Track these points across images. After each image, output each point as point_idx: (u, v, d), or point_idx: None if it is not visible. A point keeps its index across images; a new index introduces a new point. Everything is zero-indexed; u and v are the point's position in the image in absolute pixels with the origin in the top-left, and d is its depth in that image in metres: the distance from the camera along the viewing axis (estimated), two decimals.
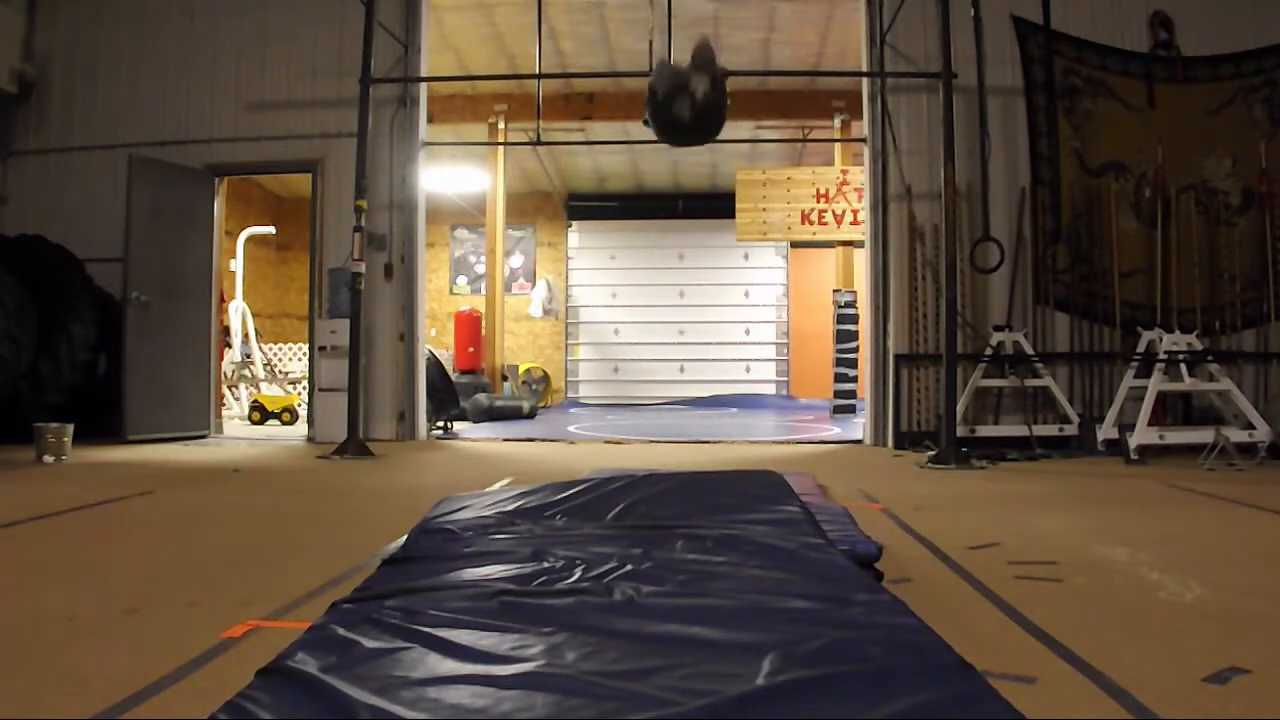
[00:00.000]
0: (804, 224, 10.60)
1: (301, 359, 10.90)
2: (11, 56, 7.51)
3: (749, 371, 14.76)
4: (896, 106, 6.99)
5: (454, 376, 10.26)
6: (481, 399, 10.20)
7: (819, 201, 10.55)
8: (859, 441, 7.29)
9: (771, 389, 14.69)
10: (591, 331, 15.09)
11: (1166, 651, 1.84)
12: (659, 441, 7.62)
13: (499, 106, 10.66)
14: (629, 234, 14.93)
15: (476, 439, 7.84)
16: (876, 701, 1.37)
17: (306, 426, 7.56)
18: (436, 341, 12.41)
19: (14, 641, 1.90)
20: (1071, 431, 6.44)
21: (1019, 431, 6.47)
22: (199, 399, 7.45)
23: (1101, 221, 6.77)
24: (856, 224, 10.10)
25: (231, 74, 7.55)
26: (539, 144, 8.39)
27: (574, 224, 15.30)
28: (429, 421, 7.79)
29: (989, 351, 6.53)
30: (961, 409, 6.29)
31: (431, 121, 8.43)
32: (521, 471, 5.18)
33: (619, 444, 7.36)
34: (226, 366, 9.66)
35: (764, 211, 10.64)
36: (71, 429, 5.65)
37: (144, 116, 7.55)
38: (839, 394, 10.60)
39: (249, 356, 10.27)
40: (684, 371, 14.75)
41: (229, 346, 9.90)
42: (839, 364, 10.56)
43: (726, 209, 10.88)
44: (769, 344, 14.89)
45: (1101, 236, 6.76)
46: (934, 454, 5.77)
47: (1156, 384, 5.88)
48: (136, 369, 6.80)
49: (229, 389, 9.95)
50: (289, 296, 14.16)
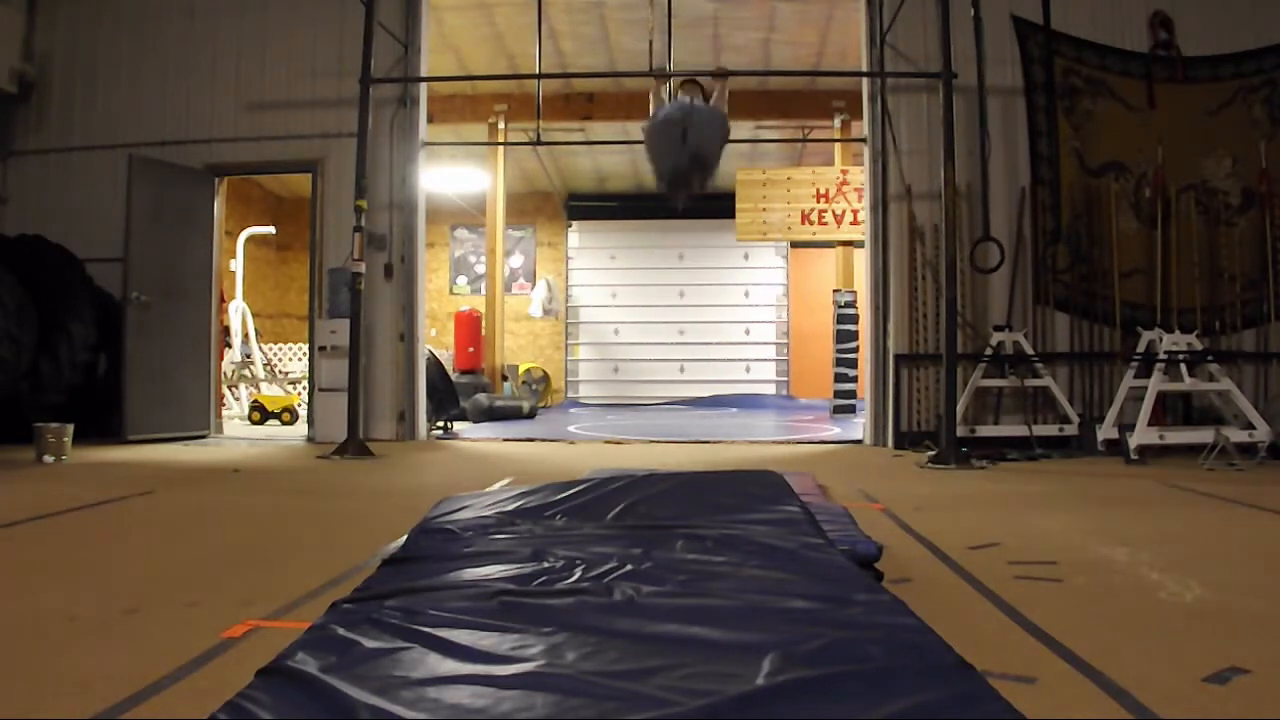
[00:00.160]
0: (804, 224, 10.60)
1: (301, 359, 10.90)
2: (11, 56, 7.51)
3: (749, 371, 14.77)
4: (896, 106, 6.99)
5: (454, 376, 10.26)
6: (481, 399, 10.20)
7: (819, 201, 10.55)
8: (859, 441, 7.29)
9: (771, 389, 14.68)
10: (591, 331, 15.09)
11: (1166, 651, 1.84)
12: (659, 441, 7.62)
13: (499, 106, 10.67)
14: (629, 234, 14.94)
15: (476, 439, 7.84)
16: (876, 701, 1.37)
17: (306, 426, 7.56)
18: (436, 341, 12.41)
19: (14, 641, 1.90)
20: (1071, 431, 6.44)
21: (1019, 431, 6.47)
22: (199, 399, 7.45)
23: (1101, 221, 6.77)
24: (856, 224, 10.10)
25: (231, 74, 7.55)
26: (539, 144, 8.39)
27: (574, 224, 15.30)
28: (429, 421, 7.79)
29: (989, 351, 6.52)
30: (961, 409, 6.29)
31: (431, 121, 8.43)
32: (521, 471, 5.18)
33: (619, 444, 7.36)
34: (226, 366, 9.66)
35: (764, 211, 10.64)
36: (71, 429, 5.65)
37: (144, 116, 7.55)
38: (839, 394, 10.60)
39: (249, 356, 10.27)
40: (684, 371, 14.75)
41: (229, 346, 9.90)
42: (839, 364, 10.56)
43: (726, 209, 10.87)
44: (769, 344, 14.89)
45: (1101, 236, 6.76)
46: (934, 454, 5.77)
47: (1156, 384, 5.88)
48: (136, 369, 6.80)
49: (229, 389, 9.95)
50: (289, 296, 14.17)
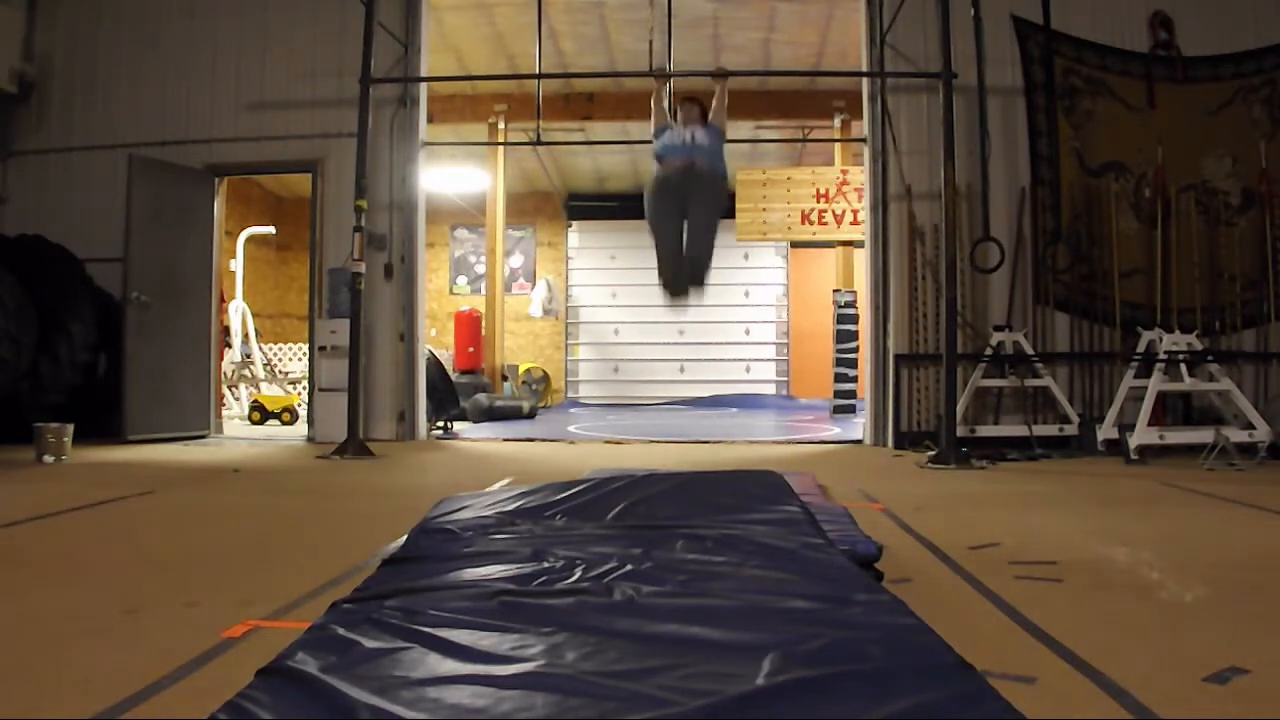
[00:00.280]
0: (804, 224, 10.59)
1: (301, 359, 10.90)
2: (11, 56, 7.51)
3: (749, 371, 14.76)
4: (896, 106, 6.99)
5: (454, 376, 10.26)
6: (481, 399, 10.20)
7: (819, 201, 10.54)
8: (859, 441, 7.29)
9: (771, 389, 14.68)
10: (591, 331, 15.08)
11: (1167, 651, 1.83)
12: (659, 441, 7.62)
13: (499, 106, 10.67)
14: (629, 234, 14.87)
15: (476, 439, 7.84)
16: (876, 701, 1.37)
17: (306, 426, 7.56)
18: (436, 341, 12.41)
19: (14, 641, 1.90)
20: (1071, 431, 6.44)
21: (1019, 431, 6.47)
22: (199, 399, 7.44)
23: (1101, 221, 6.77)
24: (856, 224, 10.10)
25: (231, 74, 7.55)
26: (539, 144, 8.39)
27: (574, 224, 15.29)
28: (429, 421, 7.79)
29: (989, 351, 6.52)
30: (961, 409, 6.29)
31: (431, 121, 8.43)
32: (521, 471, 5.18)
33: (619, 444, 7.36)
34: (226, 366, 9.66)
35: (764, 211, 10.64)
36: (71, 429, 5.65)
37: (144, 116, 7.55)
38: (839, 394, 10.60)
39: (249, 356, 10.26)
40: (684, 371, 14.74)
41: (229, 346, 9.90)
42: (839, 364, 10.56)
43: (726, 210, 10.83)
44: (769, 344, 14.88)
45: (1101, 236, 6.76)
46: (934, 454, 5.77)
47: (1156, 384, 5.88)
48: (136, 369, 6.80)
49: (229, 389, 9.95)
50: (289, 296, 14.17)
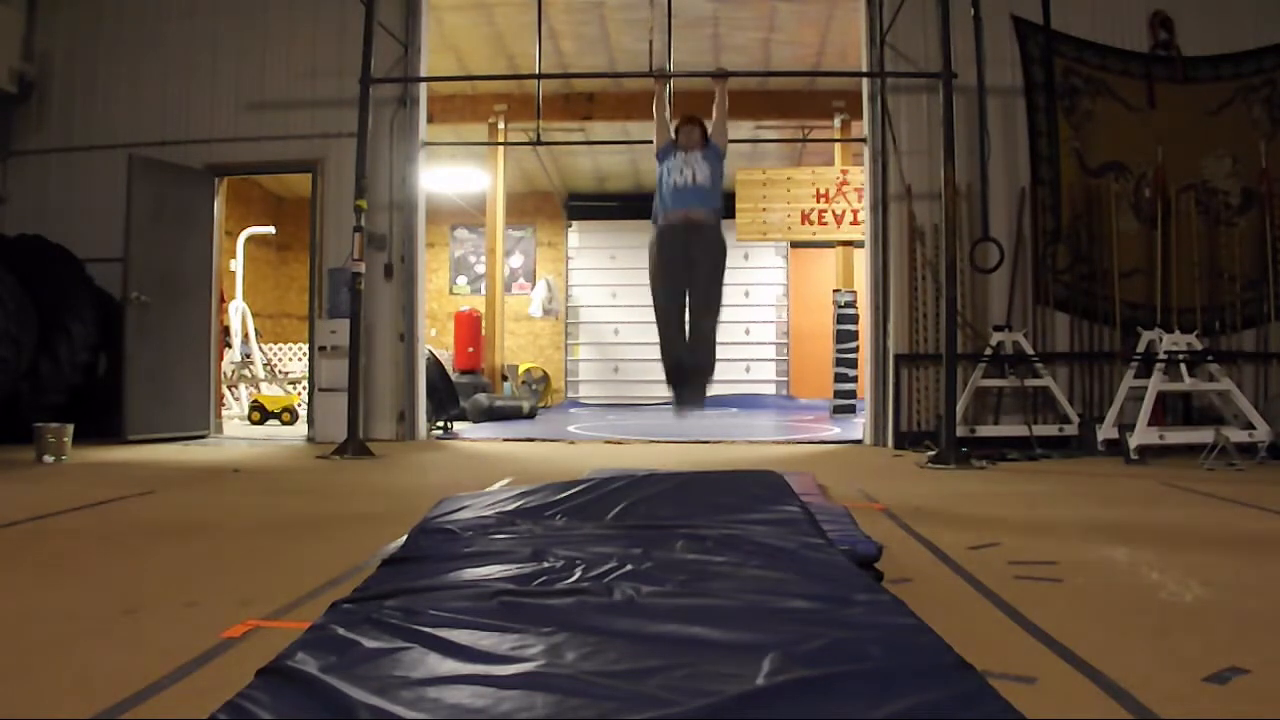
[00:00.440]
0: (804, 224, 10.59)
1: (301, 359, 10.90)
2: (11, 56, 7.51)
3: (749, 371, 14.75)
4: (896, 106, 6.99)
5: (454, 376, 10.26)
6: (481, 399, 10.20)
7: (819, 201, 10.54)
8: (859, 441, 7.29)
9: (771, 389, 14.67)
10: (591, 331, 15.08)
11: (1167, 651, 1.83)
12: (659, 441, 7.61)
13: (499, 106, 10.67)
14: (629, 234, 14.88)
15: (476, 439, 7.84)
16: (877, 701, 1.37)
17: (306, 426, 7.56)
18: (436, 341, 12.41)
19: (14, 641, 1.89)
20: (1071, 431, 6.44)
21: (1019, 431, 6.47)
22: (199, 399, 7.44)
23: (1101, 221, 6.77)
24: (856, 224, 10.10)
25: (231, 74, 7.55)
26: (539, 144, 8.39)
27: (574, 224, 15.29)
28: (429, 421, 7.79)
29: (989, 351, 6.52)
30: (961, 409, 6.29)
31: (431, 121, 8.43)
32: (521, 471, 5.18)
33: (619, 444, 7.36)
34: (226, 366, 9.66)
35: (764, 211, 10.64)
36: (71, 429, 5.65)
37: (144, 116, 7.55)
38: (839, 394, 10.60)
39: (249, 356, 10.26)
40: None
41: (229, 346, 9.90)
42: (839, 364, 10.55)
43: (726, 209, 10.85)
44: (769, 344, 14.88)
45: (1101, 236, 6.76)
46: (934, 454, 5.76)
47: (1156, 384, 5.88)
48: (136, 369, 6.80)
49: (229, 389, 9.95)
50: (289, 296, 14.17)
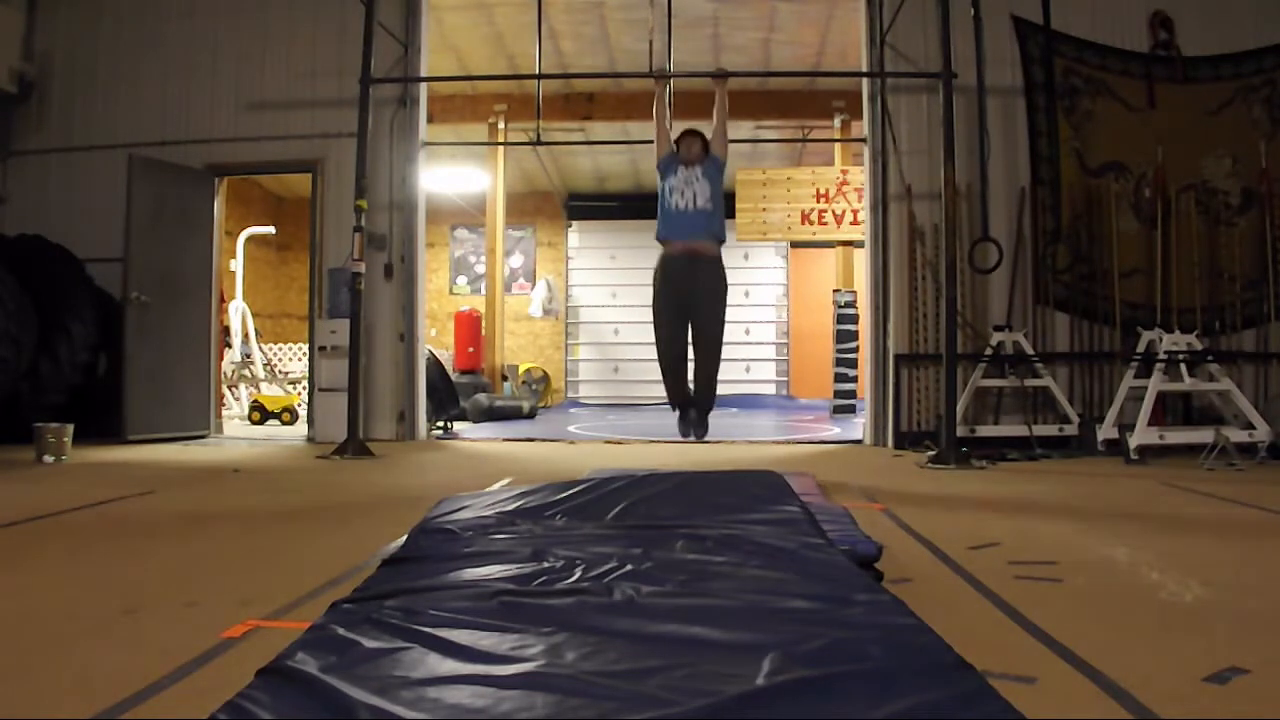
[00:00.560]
0: (804, 224, 10.59)
1: (301, 359, 10.90)
2: (11, 56, 7.51)
3: (749, 371, 14.74)
4: (896, 106, 6.99)
5: (454, 376, 10.26)
6: (481, 399, 10.20)
7: (819, 201, 10.54)
8: (859, 441, 7.29)
9: (771, 389, 14.67)
10: (591, 331, 15.08)
11: (1166, 651, 1.83)
12: (659, 441, 7.61)
13: (499, 106, 10.66)
14: (629, 234, 14.90)
15: (476, 439, 7.84)
16: (877, 701, 1.37)
17: (306, 426, 7.56)
18: (436, 341, 12.41)
19: (14, 641, 1.89)
20: (1071, 431, 6.44)
21: (1019, 431, 6.47)
22: (199, 399, 7.44)
23: (1101, 221, 6.77)
24: (856, 224, 10.09)
25: (231, 74, 7.55)
26: (539, 144, 8.38)
27: (574, 224, 15.29)
28: (429, 421, 7.78)
29: (989, 351, 6.52)
30: (961, 409, 6.29)
31: (431, 121, 8.43)
32: (521, 471, 5.18)
33: (619, 444, 7.36)
34: (226, 366, 9.66)
35: (764, 211, 10.64)
36: (71, 429, 5.65)
37: (144, 116, 7.54)
38: (839, 394, 10.59)
39: (249, 356, 10.26)
40: None
41: (229, 346, 9.90)
42: (839, 364, 10.55)
43: (726, 209, 10.85)
44: (769, 344, 14.87)
45: (1101, 236, 6.76)
46: (934, 454, 5.76)
47: (1156, 384, 5.88)
48: (136, 369, 6.80)
49: (229, 389, 9.95)
50: (289, 296, 14.16)
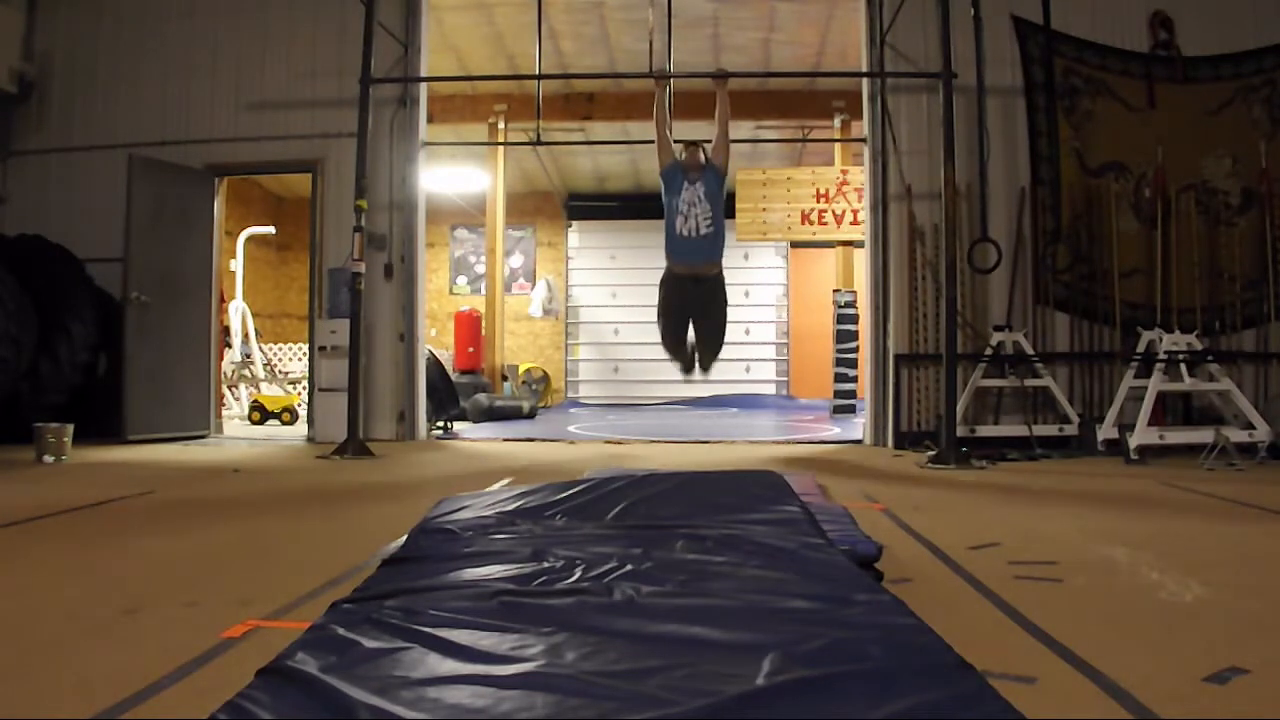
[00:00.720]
0: (804, 224, 10.59)
1: (301, 359, 10.90)
2: (11, 56, 7.51)
3: (749, 371, 14.75)
4: (896, 106, 6.99)
5: (454, 376, 10.26)
6: (481, 399, 10.20)
7: (819, 201, 10.54)
8: (859, 441, 7.29)
9: (771, 389, 14.67)
10: (591, 331, 15.08)
11: (1166, 651, 1.83)
12: (659, 441, 7.61)
13: (499, 106, 10.66)
14: (629, 234, 14.92)
15: (476, 439, 7.84)
16: (877, 701, 1.37)
17: (306, 426, 7.56)
18: (436, 341, 12.41)
19: (14, 641, 1.89)
20: (1071, 431, 6.44)
21: (1019, 431, 6.47)
22: (199, 399, 7.44)
23: (1101, 221, 6.77)
24: (856, 224, 10.09)
25: (231, 74, 7.55)
26: (539, 144, 8.38)
27: (574, 224, 15.29)
28: (429, 421, 7.78)
29: (989, 351, 6.52)
30: (961, 409, 6.29)
31: (431, 121, 8.43)
32: (521, 471, 5.18)
33: (619, 444, 7.36)
34: (226, 366, 9.65)
35: (764, 211, 10.64)
36: (71, 429, 5.65)
37: (144, 116, 7.54)
38: (839, 394, 10.59)
39: (249, 356, 10.26)
40: None
41: (229, 346, 9.89)
42: (839, 364, 10.55)
43: (726, 209, 10.85)
44: (769, 344, 14.88)
45: (1101, 236, 6.76)
46: (934, 454, 5.76)
47: (1156, 384, 5.88)
48: (136, 369, 6.80)
49: (229, 389, 9.95)
50: (289, 296, 14.16)
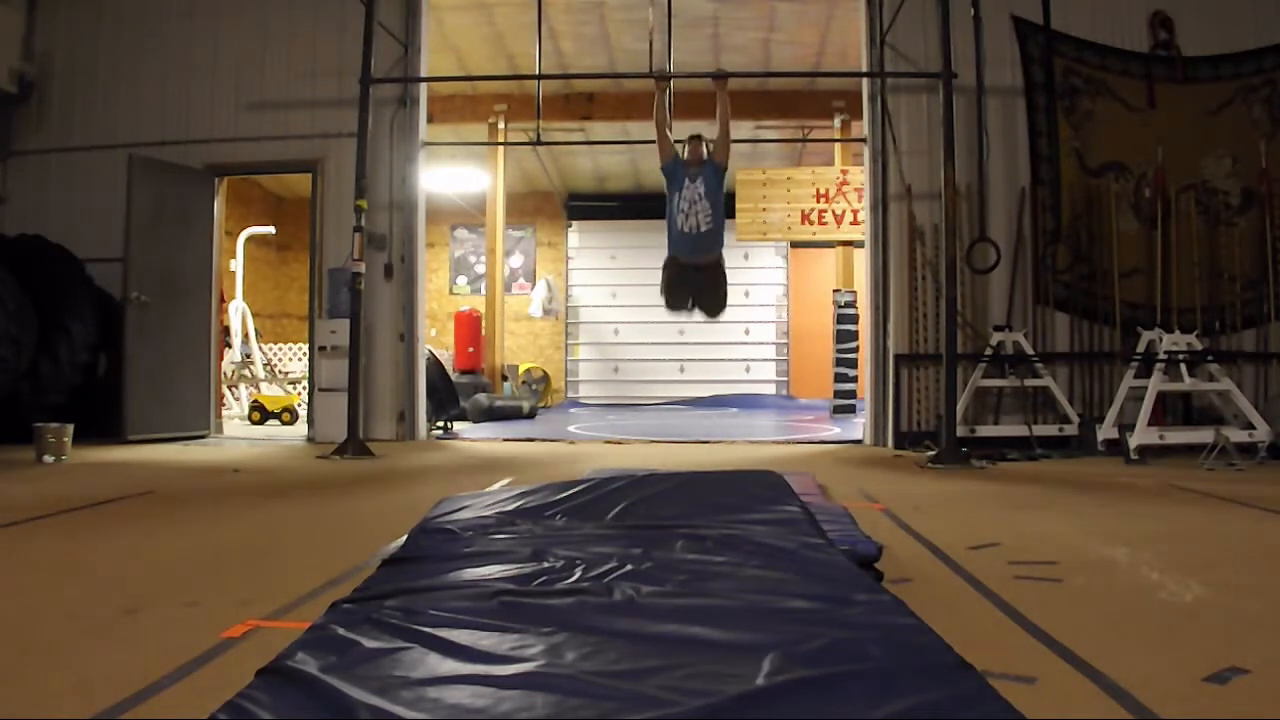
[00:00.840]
0: (804, 224, 10.59)
1: (301, 359, 10.90)
2: (11, 56, 7.51)
3: (749, 371, 14.76)
4: (896, 106, 6.99)
5: (454, 376, 10.26)
6: (481, 399, 10.20)
7: (819, 201, 10.54)
8: (859, 441, 7.28)
9: (771, 389, 14.68)
10: (591, 331, 15.08)
11: (1166, 651, 1.83)
12: (659, 441, 7.61)
13: (499, 106, 10.67)
14: (629, 234, 14.92)
15: (476, 439, 7.84)
16: (877, 701, 1.37)
17: (306, 426, 7.56)
18: (436, 341, 12.41)
19: (14, 641, 1.89)
20: (1071, 431, 6.44)
21: (1019, 431, 6.47)
22: (199, 399, 7.44)
23: (1101, 221, 6.77)
24: (856, 224, 10.10)
25: (231, 74, 7.55)
26: (539, 144, 8.38)
27: (574, 224, 15.30)
28: (429, 421, 7.78)
29: (989, 351, 6.52)
30: (961, 409, 6.29)
31: (431, 121, 8.43)
32: (521, 471, 5.18)
33: (619, 444, 7.36)
34: (226, 366, 9.65)
35: (764, 211, 10.64)
36: (71, 429, 5.65)
37: (144, 116, 7.54)
38: (839, 394, 10.60)
39: (249, 356, 10.26)
40: (684, 371, 14.74)
41: (229, 346, 9.90)
42: (839, 364, 10.55)
43: (726, 209, 10.85)
44: (769, 344, 14.88)
45: (1101, 236, 6.76)
46: (934, 454, 5.76)
47: (1156, 384, 5.88)
48: (136, 369, 6.80)
49: (229, 389, 9.95)
50: (289, 296, 14.17)
